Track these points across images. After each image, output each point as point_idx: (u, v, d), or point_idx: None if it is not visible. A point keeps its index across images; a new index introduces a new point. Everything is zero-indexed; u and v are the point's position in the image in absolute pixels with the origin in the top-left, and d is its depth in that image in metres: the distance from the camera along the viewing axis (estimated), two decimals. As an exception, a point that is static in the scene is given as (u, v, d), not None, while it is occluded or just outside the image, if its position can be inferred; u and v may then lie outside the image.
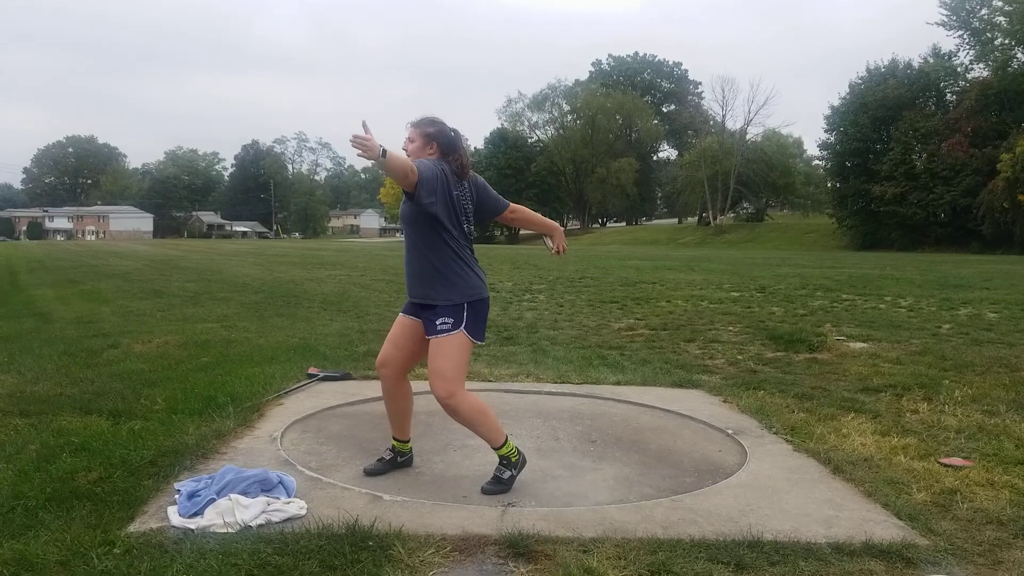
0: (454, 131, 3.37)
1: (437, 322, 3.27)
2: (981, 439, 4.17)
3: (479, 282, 3.37)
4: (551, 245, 3.67)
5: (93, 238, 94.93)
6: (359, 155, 2.82)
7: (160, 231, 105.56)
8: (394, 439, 3.65)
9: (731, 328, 8.58)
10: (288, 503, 3.00)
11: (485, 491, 3.31)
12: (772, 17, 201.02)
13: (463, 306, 3.28)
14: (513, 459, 3.38)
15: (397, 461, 3.63)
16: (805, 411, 4.76)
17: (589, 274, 17.31)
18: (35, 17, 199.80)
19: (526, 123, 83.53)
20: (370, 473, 3.54)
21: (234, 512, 2.85)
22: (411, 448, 3.70)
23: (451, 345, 3.25)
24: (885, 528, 2.93)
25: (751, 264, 23.43)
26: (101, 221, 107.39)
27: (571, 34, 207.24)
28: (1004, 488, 3.37)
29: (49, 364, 6.07)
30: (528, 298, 11.86)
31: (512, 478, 3.36)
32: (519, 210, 3.68)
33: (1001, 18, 43.13)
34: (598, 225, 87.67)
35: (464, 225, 3.35)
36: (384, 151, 2.86)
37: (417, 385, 5.40)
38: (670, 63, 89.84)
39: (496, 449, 3.38)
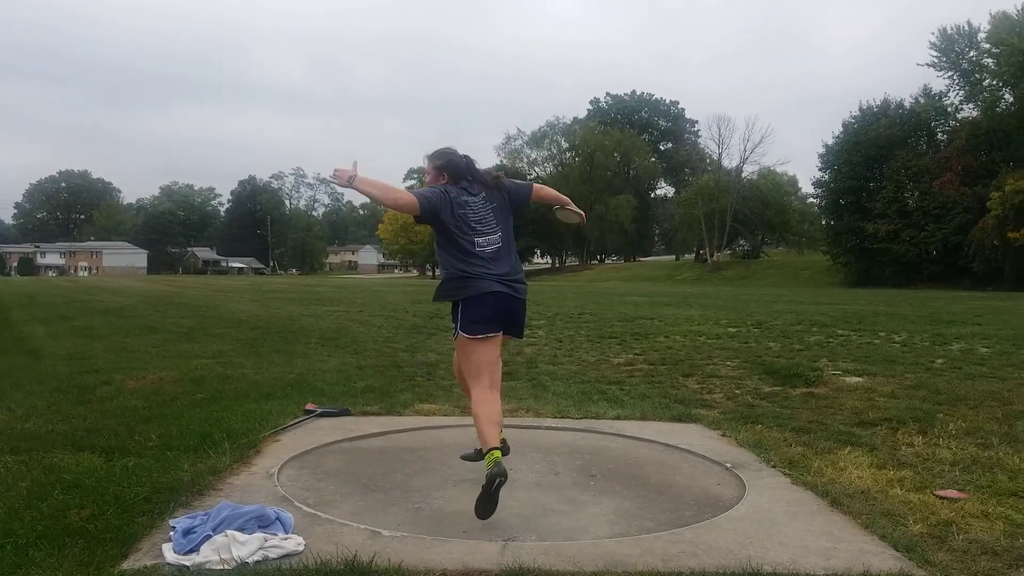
0: (465, 157, 3.79)
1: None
2: (975, 471, 4.18)
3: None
4: (574, 218, 4.18)
5: (86, 274, 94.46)
6: (332, 180, 3.47)
7: (155, 267, 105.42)
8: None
9: (729, 363, 8.59)
10: (285, 539, 2.98)
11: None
12: (766, 60, 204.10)
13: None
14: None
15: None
16: (802, 445, 4.76)
17: (588, 310, 17.33)
18: (27, 52, 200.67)
19: (525, 160, 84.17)
20: (467, 458, 3.88)
21: (230, 549, 2.83)
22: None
23: None
24: (883, 559, 2.93)
25: (748, 300, 23.50)
26: (94, 257, 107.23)
27: (569, 73, 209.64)
28: (998, 519, 3.39)
29: (40, 401, 5.99)
30: (527, 333, 11.85)
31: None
32: (541, 189, 4.18)
33: (989, 60, 43.97)
34: (596, 262, 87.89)
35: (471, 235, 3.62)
36: (353, 178, 3.40)
37: (414, 421, 5.42)
38: (667, 102, 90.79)
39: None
